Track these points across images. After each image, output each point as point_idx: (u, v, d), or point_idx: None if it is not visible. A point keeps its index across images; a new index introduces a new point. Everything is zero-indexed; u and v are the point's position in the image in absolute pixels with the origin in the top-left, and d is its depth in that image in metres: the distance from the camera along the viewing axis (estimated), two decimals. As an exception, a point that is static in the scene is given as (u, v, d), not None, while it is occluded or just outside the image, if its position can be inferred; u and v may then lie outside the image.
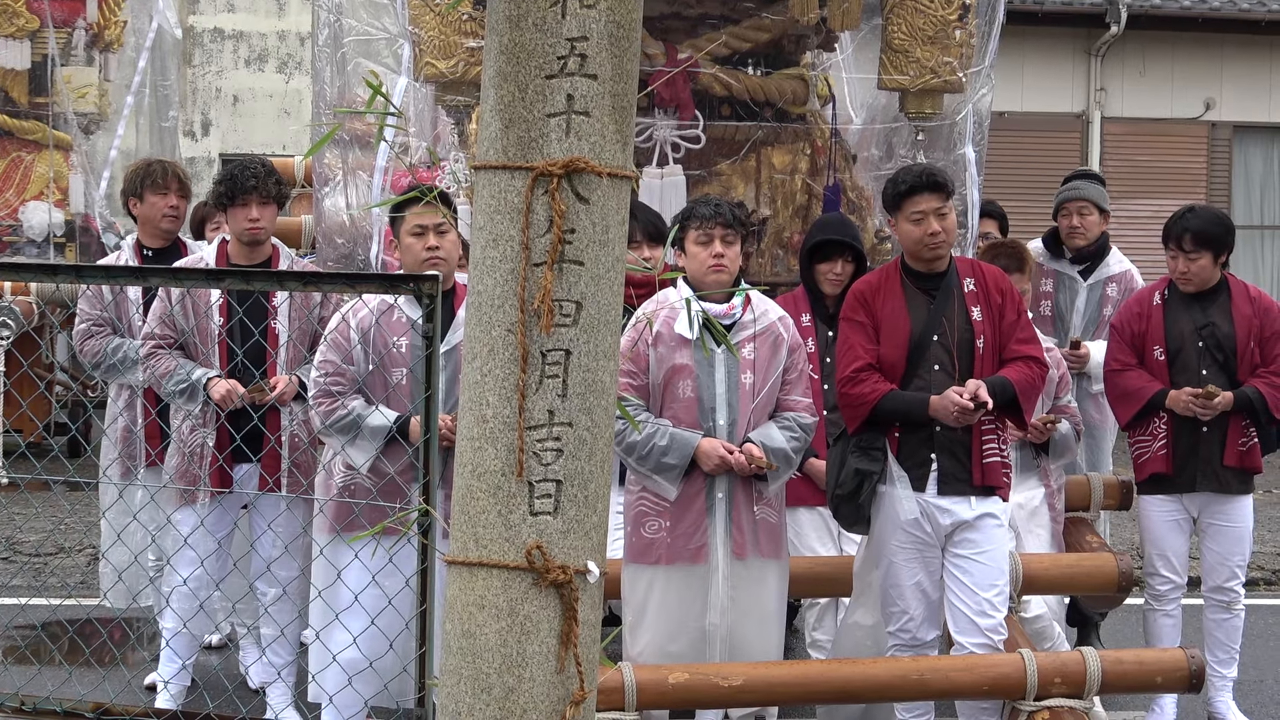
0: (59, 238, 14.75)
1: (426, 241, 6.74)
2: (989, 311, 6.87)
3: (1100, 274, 9.01)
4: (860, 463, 6.82)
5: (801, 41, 9.35)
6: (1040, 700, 6.70)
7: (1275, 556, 12.49)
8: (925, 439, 6.79)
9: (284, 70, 23.22)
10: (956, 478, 6.80)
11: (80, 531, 12.13)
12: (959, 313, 6.85)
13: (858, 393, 6.81)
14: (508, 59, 3.46)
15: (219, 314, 7.49)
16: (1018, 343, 6.89)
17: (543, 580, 3.47)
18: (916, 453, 6.82)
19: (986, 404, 6.62)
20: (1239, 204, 21.35)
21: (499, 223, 3.48)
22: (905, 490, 6.80)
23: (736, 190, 8.91)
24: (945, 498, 6.79)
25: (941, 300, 6.86)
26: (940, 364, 6.79)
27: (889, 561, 6.88)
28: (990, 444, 6.83)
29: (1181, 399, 7.80)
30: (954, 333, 6.82)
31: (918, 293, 6.90)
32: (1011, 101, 20.53)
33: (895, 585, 6.90)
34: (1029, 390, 6.85)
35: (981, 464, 6.81)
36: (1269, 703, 8.66)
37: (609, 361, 3.54)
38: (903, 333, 6.84)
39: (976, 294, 6.90)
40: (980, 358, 6.81)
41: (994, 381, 6.73)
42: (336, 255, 9.28)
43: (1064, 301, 9.07)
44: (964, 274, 6.95)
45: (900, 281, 6.94)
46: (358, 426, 6.68)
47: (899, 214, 6.90)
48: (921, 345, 6.80)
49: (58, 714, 5.05)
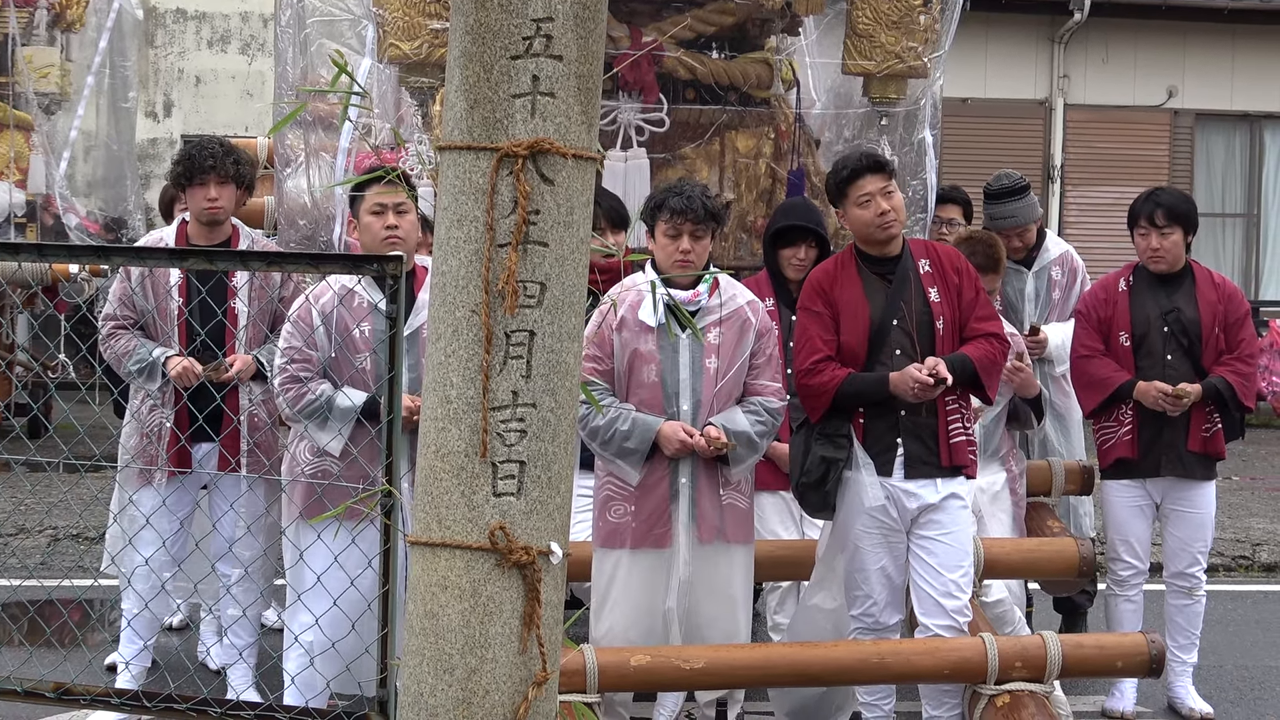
0: (20, 218, 14.68)
1: (386, 220, 6.71)
2: (946, 291, 6.87)
3: (1042, 260, 9.02)
4: (825, 450, 6.82)
5: (766, 25, 9.34)
6: (1001, 684, 6.70)
7: (1236, 543, 12.54)
8: (891, 424, 6.80)
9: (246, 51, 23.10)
10: (923, 461, 6.80)
11: (40, 512, 12.08)
12: (916, 295, 6.85)
13: (817, 383, 6.80)
14: (473, 39, 3.45)
15: (179, 294, 7.45)
16: (977, 320, 6.89)
17: (506, 561, 3.47)
18: (882, 438, 6.81)
19: (946, 380, 6.63)
20: (1201, 191, 21.36)
21: (464, 203, 3.47)
22: (871, 476, 6.80)
23: (700, 174, 8.90)
24: (912, 481, 6.80)
25: (898, 284, 6.86)
26: (901, 348, 6.79)
27: (854, 546, 6.88)
28: (955, 424, 6.84)
29: (1151, 394, 7.82)
30: (913, 315, 6.81)
31: (874, 278, 6.89)
32: (975, 88, 20.55)
33: (860, 570, 6.91)
34: (990, 366, 6.86)
35: (949, 444, 6.81)
36: (1228, 688, 8.69)
37: (573, 343, 3.54)
38: (862, 320, 6.83)
39: (933, 274, 6.89)
40: (940, 338, 6.82)
41: (953, 359, 6.73)
42: (299, 237, 9.26)
43: (1012, 293, 9.07)
44: (918, 255, 6.95)
45: (856, 268, 6.92)
46: (327, 409, 6.65)
47: (845, 201, 6.90)
48: (882, 331, 6.80)
49: (18, 694, 5.03)
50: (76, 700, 5.09)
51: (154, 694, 4.98)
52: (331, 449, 6.67)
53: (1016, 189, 8.96)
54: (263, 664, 7.74)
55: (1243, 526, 13.23)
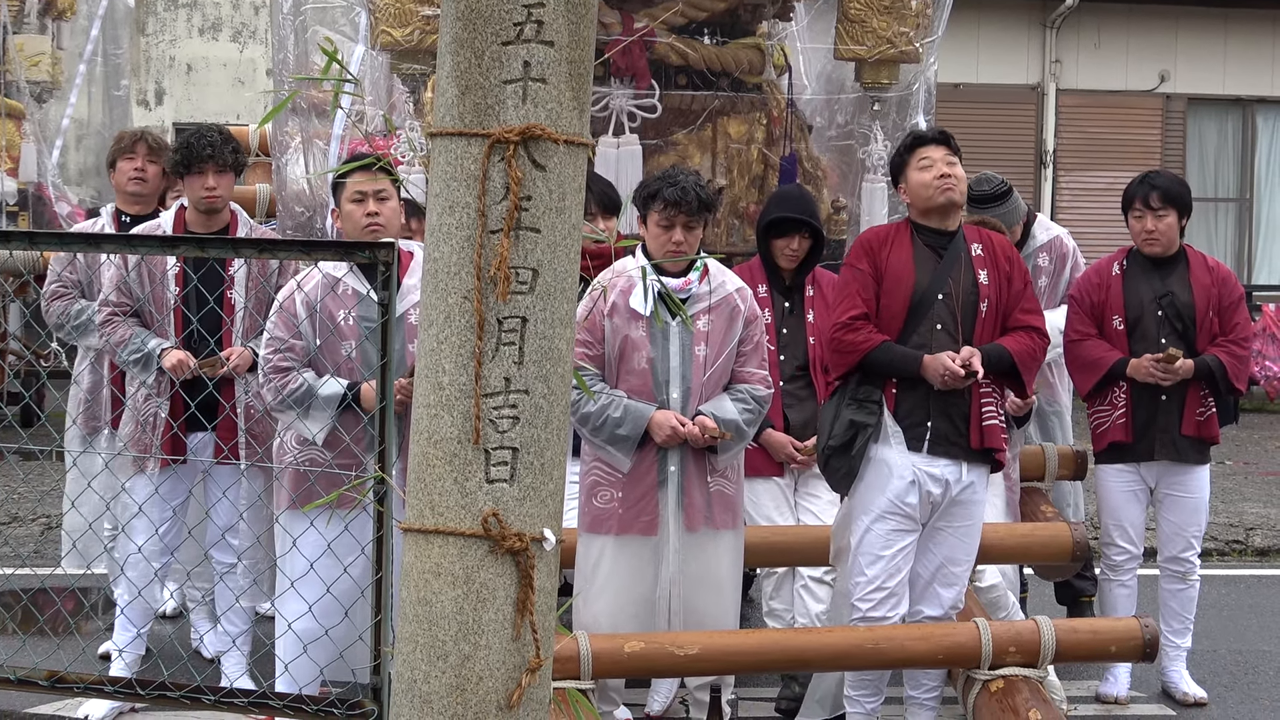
0: (11, 206, 14.66)
1: (366, 208, 6.70)
2: (996, 276, 6.84)
3: (1030, 247, 8.92)
4: (855, 414, 6.74)
5: (758, 11, 9.34)
6: (995, 669, 6.72)
7: (1230, 528, 12.56)
8: (921, 400, 6.74)
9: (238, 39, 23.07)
10: (951, 440, 6.75)
11: (33, 500, 12.09)
12: (966, 273, 6.80)
13: (851, 339, 6.74)
14: (464, 25, 3.45)
15: (174, 282, 7.45)
16: (1022, 312, 6.87)
17: (499, 548, 3.47)
18: (913, 412, 6.76)
19: (977, 373, 6.61)
20: (1193, 176, 21.40)
21: (455, 189, 3.47)
22: (900, 449, 6.75)
23: (692, 160, 8.89)
24: (938, 461, 6.75)
25: (949, 259, 6.81)
26: (943, 323, 6.74)
27: (868, 528, 6.81)
28: (989, 407, 6.80)
29: (1143, 366, 7.82)
30: (959, 293, 6.78)
31: (926, 249, 6.84)
32: (967, 73, 20.58)
33: (866, 553, 6.84)
34: (1029, 361, 6.84)
35: (981, 426, 6.77)
36: (1222, 672, 8.70)
37: (565, 329, 3.53)
38: (906, 286, 6.77)
39: (984, 258, 6.86)
40: (982, 319, 6.78)
41: (991, 350, 6.72)
42: (296, 224, 9.28)
43: None
44: (971, 239, 6.91)
45: (910, 236, 6.88)
46: (311, 397, 6.64)
47: (906, 169, 6.86)
48: (925, 303, 6.75)
49: (12, 682, 5.03)
50: (70, 688, 5.09)
51: (147, 682, 4.98)
52: (317, 439, 6.66)
53: (998, 194, 8.73)
54: (256, 652, 7.74)
55: (1236, 511, 13.25)
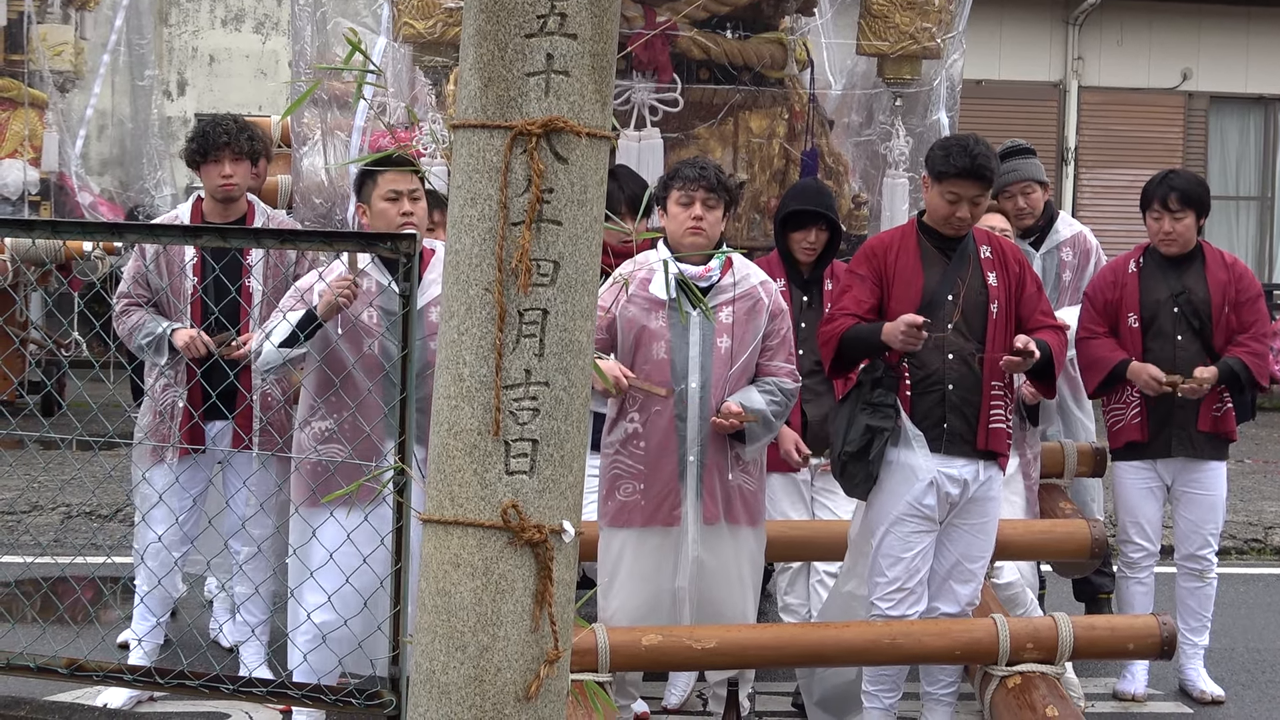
0: (34, 195, 14.70)
1: (401, 207, 6.71)
2: (1005, 279, 6.84)
3: (1051, 241, 8.83)
4: (871, 419, 6.71)
5: (780, 5, 9.33)
6: (1012, 665, 6.73)
7: (1248, 526, 12.54)
8: (938, 400, 6.74)
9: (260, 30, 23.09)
10: (963, 439, 6.76)
11: (54, 489, 12.12)
12: (974, 275, 6.81)
13: (828, 329, 6.82)
14: (487, 17, 3.45)
15: (193, 273, 7.46)
16: (1042, 314, 6.89)
17: (518, 539, 3.48)
18: (930, 413, 6.76)
19: (1034, 355, 6.61)
20: (1214, 174, 21.37)
21: (477, 182, 3.48)
22: (923, 451, 6.74)
23: (714, 154, 8.88)
24: (953, 460, 6.75)
25: (957, 261, 6.81)
26: (954, 324, 6.74)
27: (887, 530, 6.80)
28: (998, 410, 6.79)
29: (1143, 377, 7.82)
30: (969, 295, 6.78)
31: (934, 251, 6.85)
32: (989, 70, 20.54)
33: (887, 554, 6.83)
34: (1060, 357, 6.91)
35: (987, 427, 6.77)
36: (1239, 670, 8.69)
37: (586, 321, 3.54)
38: (915, 288, 6.78)
39: (993, 261, 6.86)
40: (994, 321, 6.78)
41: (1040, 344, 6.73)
42: (314, 215, 9.27)
43: None
44: (980, 241, 6.92)
45: (917, 239, 6.89)
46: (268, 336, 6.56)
47: (938, 184, 6.82)
48: (934, 303, 6.73)
49: (32, 669, 5.05)
50: (89, 676, 5.12)
51: (166, 671, 5.00)
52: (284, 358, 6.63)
53: (1020, 149, 8.84)
54: (275, 642, 7.75)
55: (1255, 509, 13.22)
